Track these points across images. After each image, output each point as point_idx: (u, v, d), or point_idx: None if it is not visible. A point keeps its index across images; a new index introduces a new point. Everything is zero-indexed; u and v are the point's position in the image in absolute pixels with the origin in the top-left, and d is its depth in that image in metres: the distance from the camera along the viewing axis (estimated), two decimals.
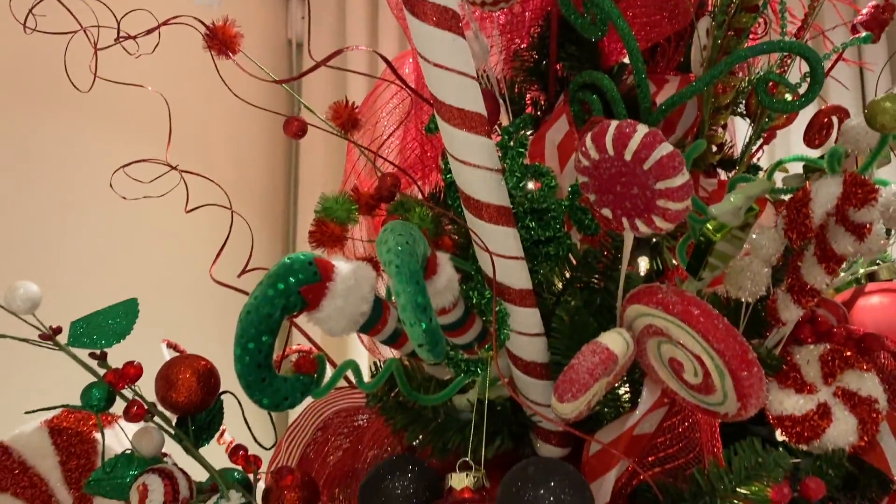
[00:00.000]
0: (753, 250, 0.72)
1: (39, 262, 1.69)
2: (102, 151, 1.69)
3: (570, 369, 0.63)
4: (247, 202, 2.24)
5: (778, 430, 0.74)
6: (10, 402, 0.87)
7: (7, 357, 1.31)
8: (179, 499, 0.69)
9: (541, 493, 0.59)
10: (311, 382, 0.72)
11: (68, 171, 1.77)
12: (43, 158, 1.77)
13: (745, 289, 0.72)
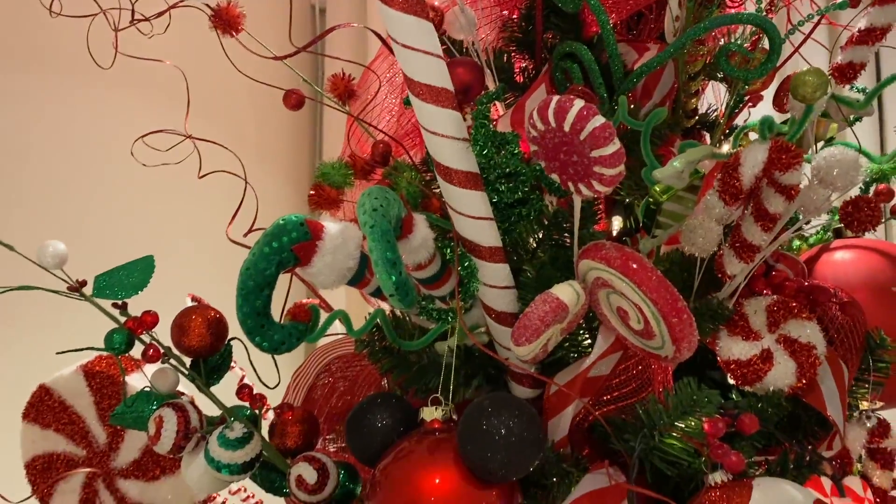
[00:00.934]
0: (705, 210, 0.79)
1: (66, 222, 1.82)
2: (127, 120, 1.80)
3: (524, 317, 0.72)
4: (270, 169, 2.33)
5: (727, 373, 0.82)
6: (44, 347, 0.98)
7: (39, 308, 1.44)
8: (190, 429, 0.79)
9: (494, 422, 0.68)
10: (306, 329, 0.81)
11: (97, 137, 1.89)
12: (73, 126, 1.88)
13: (697, 245, 0.79)
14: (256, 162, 0.98)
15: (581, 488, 0.76)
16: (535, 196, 0.86)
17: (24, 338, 1.79)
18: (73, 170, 1.88)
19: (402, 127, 1.14)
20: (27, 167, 1.89)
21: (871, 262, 0.97)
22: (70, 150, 1.89)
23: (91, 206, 1.91)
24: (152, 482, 1.08)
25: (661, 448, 0.73)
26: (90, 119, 1.91)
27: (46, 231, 0.85)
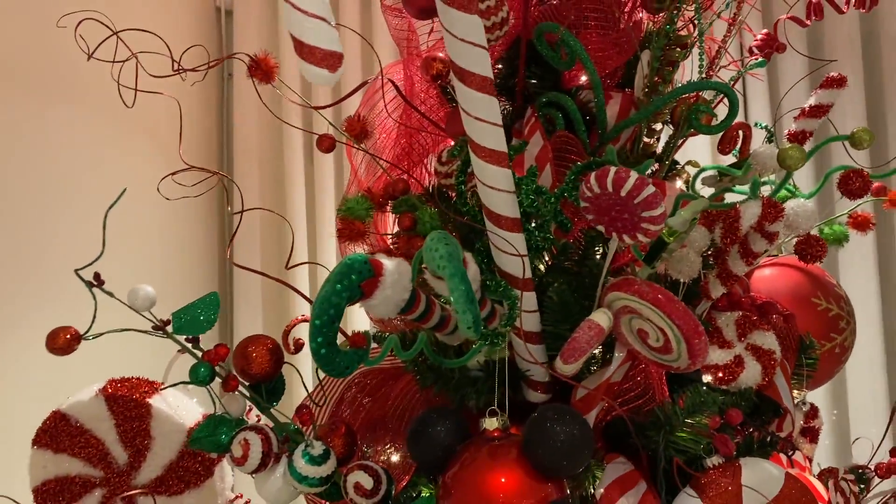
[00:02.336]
0: (689, 244, 0.99)
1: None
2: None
3: (574, 341, 0.88)
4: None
5: (706, 375, 1.02)
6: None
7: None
8: (272, 449, 0.89)
9: (557, 429, 0.83)
10: (364, 353, 0.92)
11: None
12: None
13: (683, 272, 0.98)
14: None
15: (608, 476, 0.93)
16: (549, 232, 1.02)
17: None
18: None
19: (391, 153, 1.25)
20: None
21: (793, 278, 1.21)
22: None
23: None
24: (174, 497, 1.14)
25: (673, 440, 0.91)
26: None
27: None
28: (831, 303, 1.18)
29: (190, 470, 1.13)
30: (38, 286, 1.79)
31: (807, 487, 0.95)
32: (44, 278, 1.78)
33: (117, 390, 1.13)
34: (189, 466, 1.13)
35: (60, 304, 1.77)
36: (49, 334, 0.79)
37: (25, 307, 1.77)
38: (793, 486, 0.93)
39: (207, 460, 1.13)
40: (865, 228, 1.31)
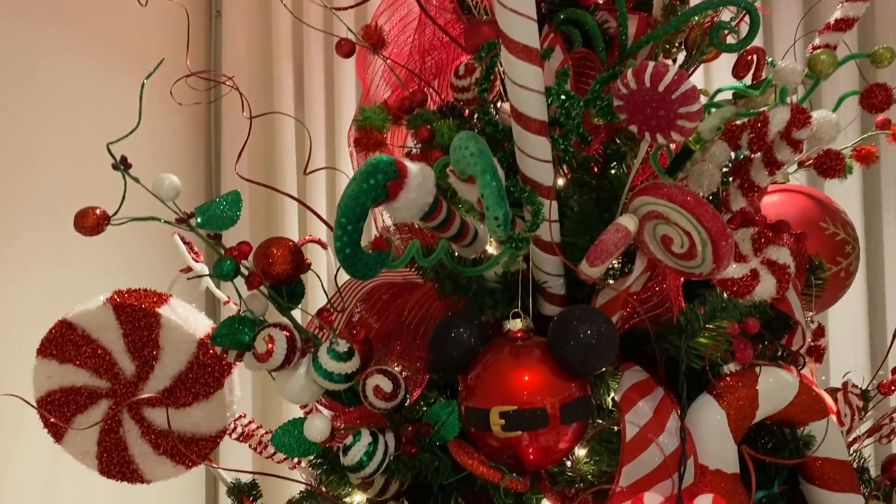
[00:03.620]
0: (710, 158, 0.99)
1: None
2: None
3: (601, 242, 0.88)
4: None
5: (721, 289, 1.03)
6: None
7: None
8: (296, 346, 0.88)
9: (584, 325, 0.84)
10: (387, 256, 0.92)
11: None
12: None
13: (703, 186, 0.99)
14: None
15: (626, 381, 0.94)
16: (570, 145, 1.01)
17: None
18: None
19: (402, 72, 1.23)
20: None
21: (802, 203, 1.22)
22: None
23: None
24: (182, 409, 1.13)
25: (692, 345, 0.92)
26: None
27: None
28: (838, 228, 1.20)
29: (199, 381, 1.12)
30: (35, 205, 1.75)
31: (820, 396, 0.97)
32: (39, 198, 1.75)
33: (125, 300, 1.11)
34: (198, 378, 1.12)
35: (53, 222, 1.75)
36: (78, 213, 0.77)
37: (22, 225, 1.74)
38: (807, 393, 0.95)
39: (217, 371, 1.12)
40: (869, 162, 1.33)
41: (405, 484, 1.00)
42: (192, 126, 2.41)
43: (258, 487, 1.21)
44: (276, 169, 2.34)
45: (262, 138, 2.36)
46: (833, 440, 0.95)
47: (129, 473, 1.16)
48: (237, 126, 2.37)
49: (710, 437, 0.90)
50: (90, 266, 1.73)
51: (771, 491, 0.97)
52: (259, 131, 2.34)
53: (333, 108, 2.39)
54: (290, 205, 2.29)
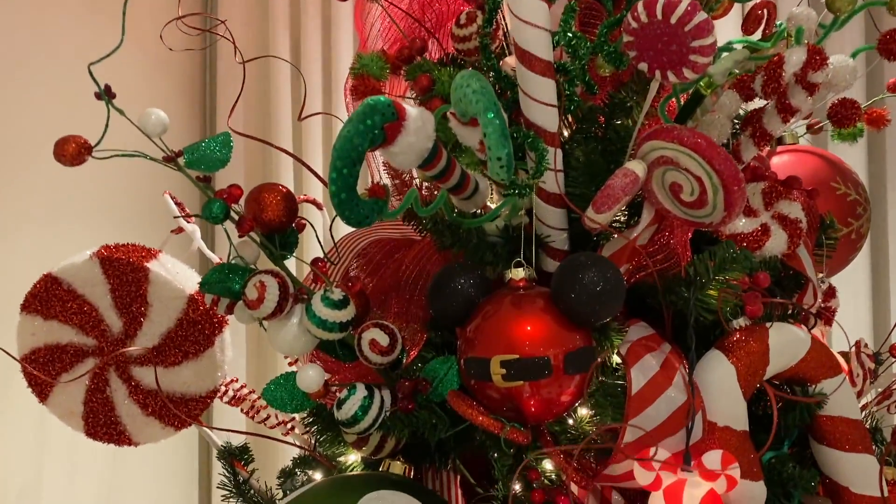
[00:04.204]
0: (719, 109, 0.95)
1: None
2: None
3: (608, 188, 0.84)
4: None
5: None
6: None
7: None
8: (289, 294, 0.84)
9: (591, 275, 0.80)
10: (384, 204, 0.88)
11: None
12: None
13: (713, 136, 0.95)
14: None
15: (632, 335, 0.90)
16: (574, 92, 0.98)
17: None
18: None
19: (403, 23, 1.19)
20: None
21: (813, 163, 1.19)
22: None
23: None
24: (171, 368, 1.10)
25: (701, 298, 0.88)
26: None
27: None
28: (850, 188, 1.16)
29: (189, 339, 1.09)
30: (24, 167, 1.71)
31: (832, 353, 0.93)
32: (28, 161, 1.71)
33: (113, 253, 1.07)
34: (188, 336, 1.08)
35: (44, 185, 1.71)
36: (58, 141, 0.73)
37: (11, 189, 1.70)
38: (819, 349, 0.92)
39: (208, 329, 1.09)
40: (880, 125, 1.29)
41: (401, 442, 0.96)
42: (188, 72, 2.35)
43: (250, 451, 1.18)
44: (272, 119, 2.29)
45: (258, 87, 2.30)
46: (845, 398, 0.92)
47: (117, 435, 1.12)
48: (233, 73, 2.31)
49: (719, 393, 0.87)
50: (80, 229, 1.70)
51: (780, 451, 0.93)
52: (254, 79, 2.29)
53: (330, 57, 2.34)
54: (287, 157, 2.25)
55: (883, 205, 1.92)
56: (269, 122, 2.34)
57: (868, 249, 1.89)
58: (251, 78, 2.28)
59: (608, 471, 0.86)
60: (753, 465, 0.87)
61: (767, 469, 0.91)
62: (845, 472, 0.91)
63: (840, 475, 0.92)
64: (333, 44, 2.33)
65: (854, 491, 0.91)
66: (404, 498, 0.82)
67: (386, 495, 0.82)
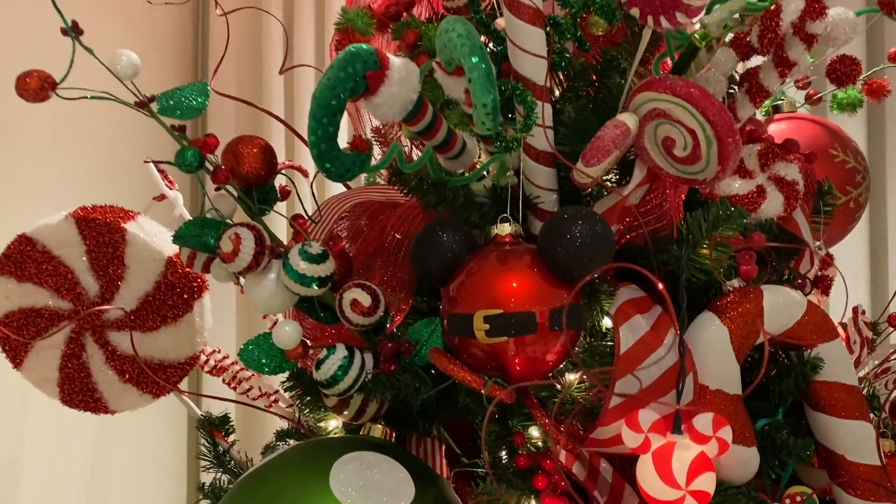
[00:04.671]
0: (715, 66, 0.92)
1: None
2: None
3: (597, 139, 0.81)
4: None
5: None
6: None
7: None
8: (265, 248, 0.81)
9: (578, 225, 0.77)
10: (367, 158, 0.85)
11: None
12: None
13: None
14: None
15: (621, 297, 0.87)
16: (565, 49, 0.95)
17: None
18: None
19: None
20: None
21: (810, 130, 1.16)
22: None
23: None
24: (149, 333, 1.07)
25: (694, 257, 0.85)
26: None
27: None
28: (848, 156, 1.14)
29: (167, 304, 1.06)
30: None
31: (828, 317, 0.91)
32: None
33: (89, 214, 1.04)
34: (166, 300, 1.05)
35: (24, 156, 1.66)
36: (20, 75, 0.69)
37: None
38: (815, 313, 0.89)
39: (187, 293, 1.06)
40: (880, 96, 1.26)
41: (384, 407, 0.93)
42: (178, 33, 2.30)
43: (230, 421, 1.15)
44: (262, 80, 2.24)
45: (250, 48, 2.25)
46: (842, 363, 0.89)
47: (93, 402, 1.09)
48: (225, 34, 2.27)
49: (711, 355, 0.84)
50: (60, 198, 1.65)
51: (774, 418, 0.90)
52: (246, 41, 2.24)
53: (323, 16, 2.29)
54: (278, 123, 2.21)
55: (883, 176, 1.88)
56: (260, 83, 2.29)
57: (867, 222, 1.86)
58: (243, 39, 2.26)
59: (595, 434, 0.83)
60: (746, 430, 0.84)
61: (761, 436, 0.89)
62: (841, 440, 0.88)
63: (835, 443, 0.89)
64: (327, 2, 2.29)
65: (849, 459, 0.88)
66: (382, 459, 0.79)
67: (363, 456, 0.79)
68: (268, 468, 0.80)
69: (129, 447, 1.93)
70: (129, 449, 1.94)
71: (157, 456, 2.07)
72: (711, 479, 0.78)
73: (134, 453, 1.96)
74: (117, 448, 1.91)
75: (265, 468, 0.81)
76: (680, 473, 0.77)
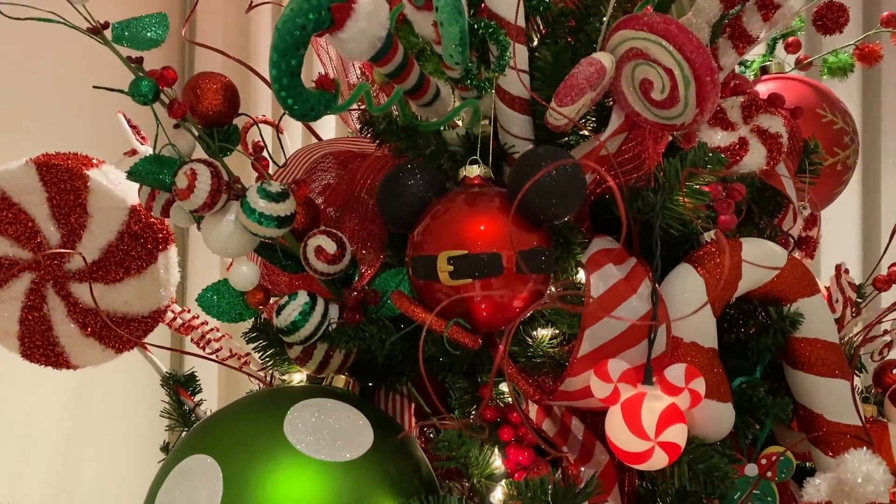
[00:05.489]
0: (696, 13, 0.89)
1: None
2: None
3: (571, 77, 0.78)
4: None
5: None
6: None
7: None
8: (222, 185, 0.78)
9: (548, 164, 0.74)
10: (332, 98, 0.81)
11: None
12: None
13: None
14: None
15: (594, 247, 0.84)
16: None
17: None
18: None
19: None
20: None
21: (797, 89, 1.13)
22: None
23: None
24: (112, 285, 1.03)
25: (671, 205, 0.82)
26: None
27: None
28: (836, 116, 1.10)
29: (131, 254, 1.02)
30: None
31: (809, 271, 0.87)
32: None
33: (51, 160, 1.01)
34: (130, 250, 1.02)
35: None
36: None
37: None
38: (795, 267, 0.86)
39: (151, 244, 1.02)
40: (872, 61, 1.23)
41: (349, 359, 0.90)
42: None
43: (197, 380, 1.12)
44: (250, 33, 2.19)
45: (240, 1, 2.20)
46: (822, 319, 0.86)
47: (54, 357, 1.06)
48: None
49: (686, 307, 0.81)
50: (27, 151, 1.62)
51: (752, 377, 0.87)
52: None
53: None
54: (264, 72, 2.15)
55: (877, 141, 1.84)
56: (248, 35, 2.23)
57: (859, 188, 1.82)
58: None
59: (564, 386, 0.79)
60: (721, 385, 0.81)
61: (738, 395, 0.86)
62: (819, 399, 0.85)
63: (814, 402, 0.86)
64: None
65: (828, 418, 0.85)
66: (342, 406, 0.76)
67: (321, 403, 0.75)
68: (222, 413, 0.77)
69: (104, 409, 1.89)
70: (105, 410, 1.90)
71: (132, 420, 2.02)
72: (683, 432, 0.75)
73: (110, 415, 1.92)
74: (93, 411, 1.88)
75: (219, 413, 0.78)
76: (649, 424, 0.74)
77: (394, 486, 0.71)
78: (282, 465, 0.67)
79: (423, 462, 0.79)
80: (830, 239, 1.55)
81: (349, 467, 0.70)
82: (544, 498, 0.67)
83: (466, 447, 0.74)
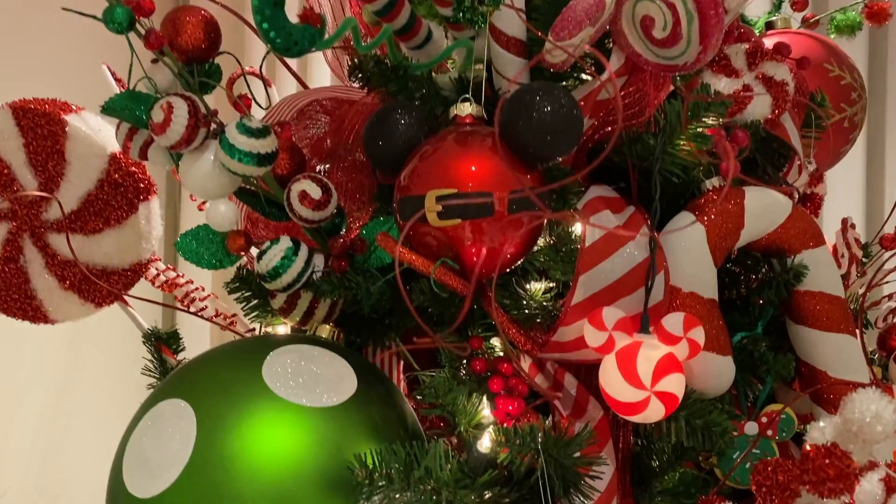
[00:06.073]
0: None
1: None
2: None
3: (568, 9, 0.74)
4: None
5: None
6: None
7: None
8: (200, 120, 0.74)
9: (543, 101, 0.70)
10: (318, 33, 0.78)
11: None
12: None
13: None
14: None
15: (591, 194, 0.81)
16: None
17: None
18: None
19: None
20: None
21: (804, 44, 1.09)
22: None
23: None
24: (91, 236, 1.00)
25: (671, 151, 0.79)
26: None
27: None
28: (844, 71, 1.07)
29: (111, 204, 0.99)
30: None
31: (814, 222, 0.84)
32: None
33: (27, 104, 0.97)
34: (110, 200, 0.98)
35: None
36: None
37: None
38: (800, 217, 0.82)
39: (132, 193, 0.99)
40: (881, 20, 1.19)
41: (335, 309, 0.86)
42: None
43: (180, 338, 1.08)
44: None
45: None
46: (827, 272, 0.82)
47: (31, 311, 1.02)
48: None
49: (686, 255, 0.77)
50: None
51: (754, 331, 0.84)
52: None
53: None
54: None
55: (882, 99, 1.80)
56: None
57: (864, 148, 1.78)
58: None
59: (557, 336, 0.76)
60: (721, 337, 0.78)
61: (738, 350, 0.82)
62: (823, 355, 0.82)
63: (818, 358, 0.82)
64: None
65: (832, 375, 0.82)
66: (324, 352, 0.73)
67: (302, 349, 0.72)
68: (199, 359, 0.74)
69: (95, 367, 1.85)
70: (95, 368, 1.85)
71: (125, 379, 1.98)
72: (680, 382, 0.71)
73: (101, 374, 1.87)
74: (84, 369, 1.83)
75: (196, 359, 0.74)
76: (645, 373, 0.70)
77: (377, 434, 0.67)
78: (259, 409, 0.64)
79: (409, 412, 0.76)
80: (834, 198, 1.51)
81: (330, 413, 0.66)
82: (534, 445, 0.64)
83: (453, 394, 0.71)
